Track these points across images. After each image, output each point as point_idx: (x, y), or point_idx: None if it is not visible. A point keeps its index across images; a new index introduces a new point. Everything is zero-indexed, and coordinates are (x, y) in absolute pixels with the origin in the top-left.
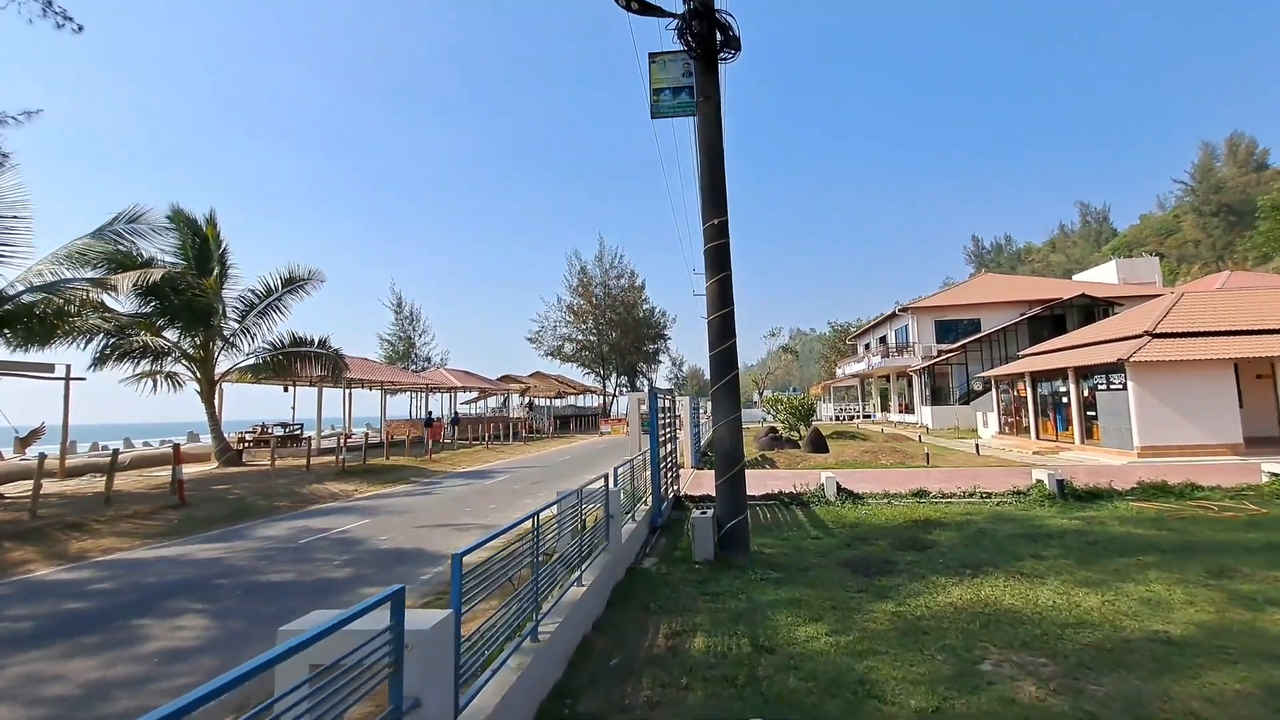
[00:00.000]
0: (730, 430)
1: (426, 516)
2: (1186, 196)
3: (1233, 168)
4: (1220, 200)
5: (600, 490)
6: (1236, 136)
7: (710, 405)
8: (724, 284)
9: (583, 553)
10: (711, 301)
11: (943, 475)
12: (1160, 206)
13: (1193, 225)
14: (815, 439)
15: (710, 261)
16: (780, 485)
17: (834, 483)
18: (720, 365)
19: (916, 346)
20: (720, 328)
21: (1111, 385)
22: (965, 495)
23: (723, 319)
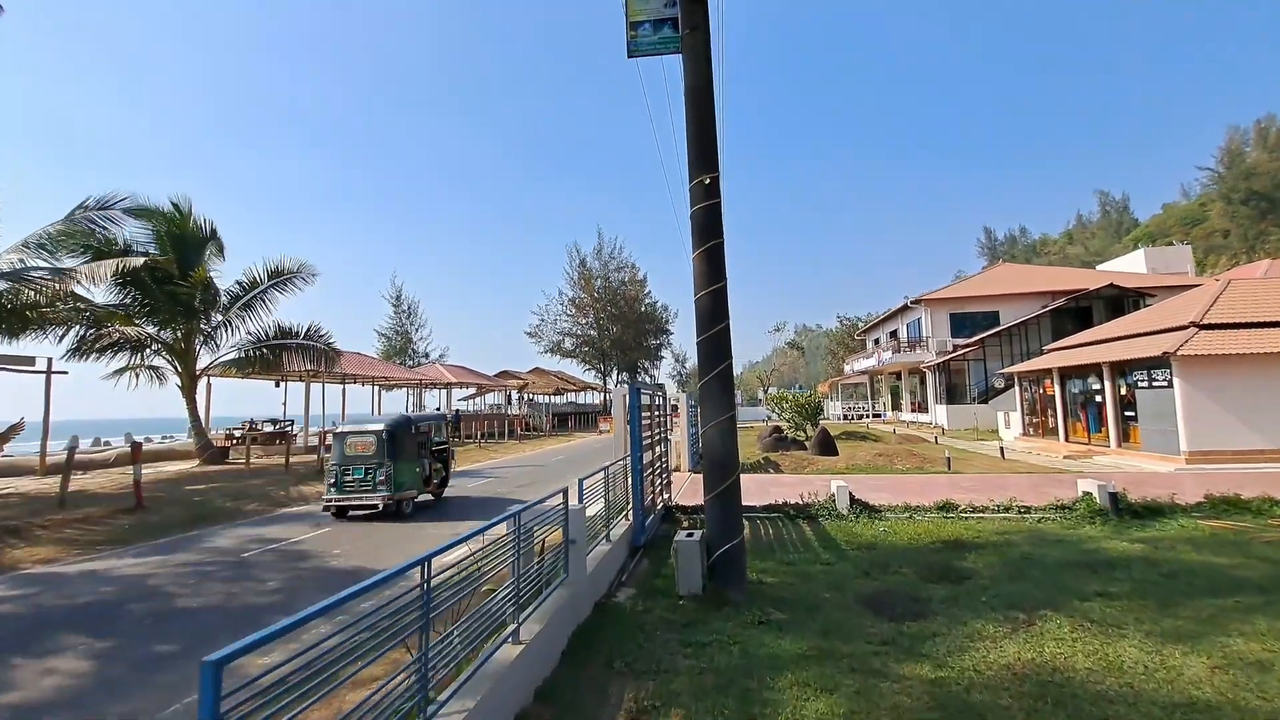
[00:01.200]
0: (722, 434)
1: (393, 526)
2: (1213, 184)
3: (1262, 152)
4: (1250, 187)
5: (554, 510)
6: (1266, 120)
7: (698, 402)
8: (714, 254)
9: (522, 596)
10: (700, 275)
11: (968, 483)
12: (1185, 195)
13: (1221, 214)
14: (823, 440)
15: (698, 226)
16: (785, 493)
17: (846, 492)
18: (710, 353)
19: (930, 341)
20: (710, 307)
21: (1154, 382)
22: (999, 509)
23: (713, 297)
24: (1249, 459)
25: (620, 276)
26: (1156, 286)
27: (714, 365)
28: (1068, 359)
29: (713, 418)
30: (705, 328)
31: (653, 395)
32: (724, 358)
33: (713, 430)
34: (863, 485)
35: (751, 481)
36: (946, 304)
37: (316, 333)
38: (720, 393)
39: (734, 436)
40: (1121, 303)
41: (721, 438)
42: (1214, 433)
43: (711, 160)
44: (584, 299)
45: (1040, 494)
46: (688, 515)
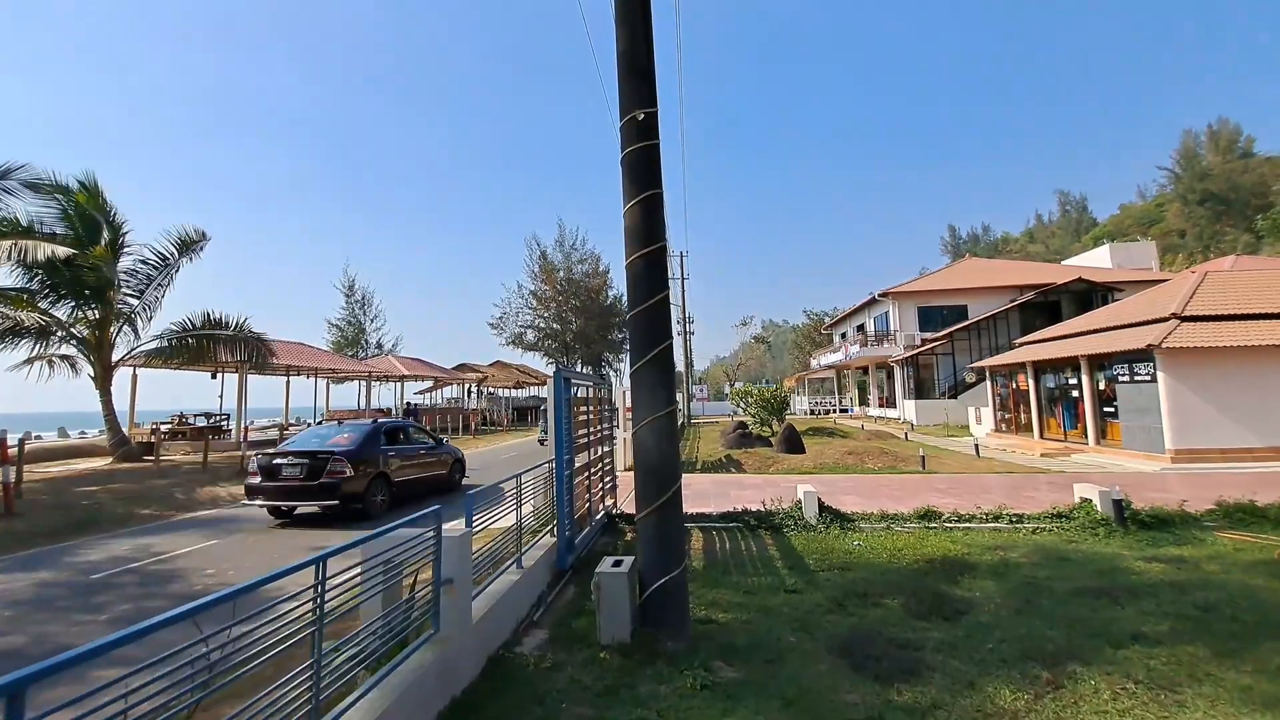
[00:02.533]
0: (659, 433)
1: (297, 535)
2: (1170, 185)
3: (1215, 155)
4: (1206, 188)
5: (417, 540)
6: (1219, 123)
7: (630, 393)
8: (651, 207)
9: (335, 678)
10: (633, 233)
11: (946, 485)
12: (1141, 196)
13: (1178, 214)
14: (789, 437)
15: (631, 173)
16: (747, 498)
17: (815, 499)
18: (645, 331)
19: (898, 335)
20: (645, 273)
21: (1137, 376)
22: (988, 518)
23: (649, 261)
24: (1236, 458)
25: (583, 268)
26: (1124, 281)
27: (649, 346)
28: (1043, 352)
29: (647, 413)
30: (639, 298)
31: (592, 386)
32: (662, 336)
33: (646, 430)
34: (833, 487)
35: (711, 483)
36: (914, 297)
37: (244, 325)
38: (657, 381)
39: (674, 437)
40: (1090, 297)
41: (658, 439)
42: (1200, 430)
43: (647, 92)
44: (545, 291)
45: (1026, 498)
46: (634, 525)
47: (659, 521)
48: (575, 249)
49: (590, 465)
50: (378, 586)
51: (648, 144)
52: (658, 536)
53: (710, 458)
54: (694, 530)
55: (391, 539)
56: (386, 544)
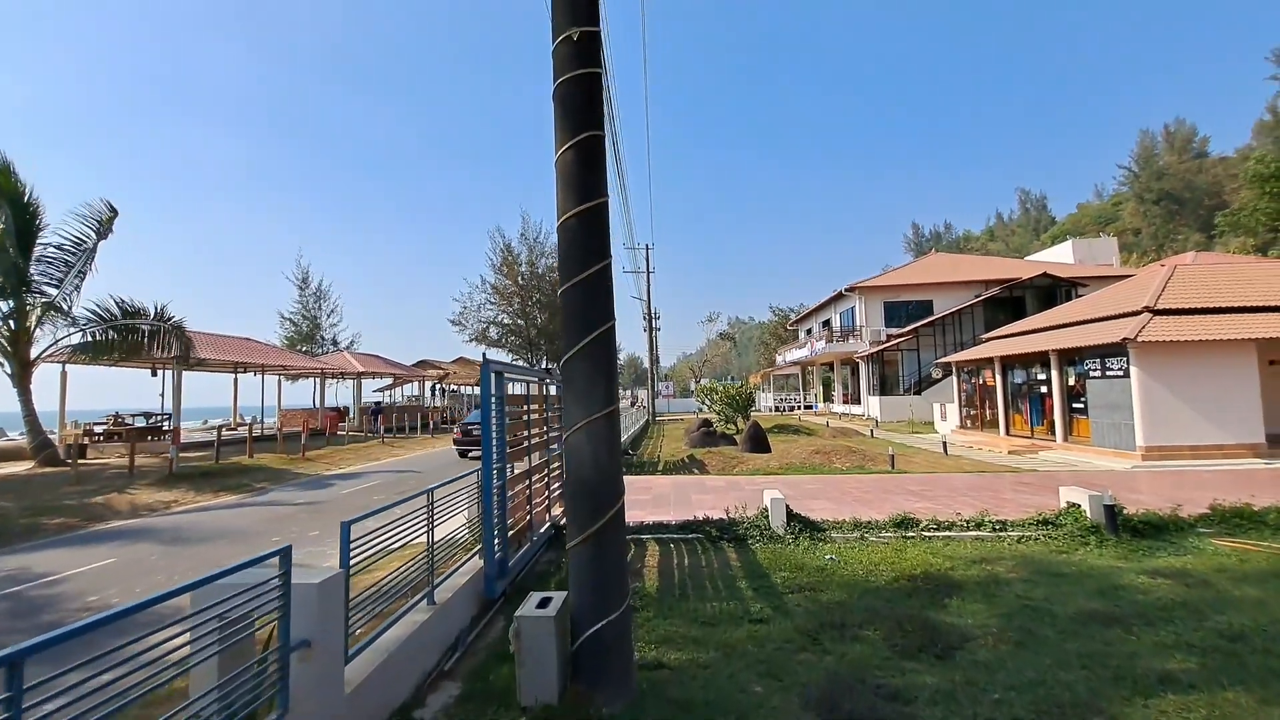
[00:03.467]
0: (595, 440)
1: (204, 551)
2: (1127, 185)
3: (1171, 155)
4: (1162, 188)
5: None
6: (1175, 124)
7: (562, 390)
8: (589, 154)
9: None
10: (567, 186)
11: (918, 486)
12: (1098, 195)
13: (1134, 213)
14: (755, 435)
15: (564, 108)
16: (710, 503)
17: (782, 506)
18: (579, 311)
19: (864, 331)
20: (580, 238)
21: (1108, 371)
22: (969, 525)
23: (585, 222)
24: (1207, 454)
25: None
26: (1088, 277)
27: (584, 330)
28: (1011, 347)
29: (581, 414)
30: (573, 269)
31: (536, 382)
32: (601, 317)
33: (580, 436)
34: (800, 490)
35: (672, 486)
36: (880, 292)
37: (163, 313)
38: (594, 374)
39: (615, 444)
40: (1054, 293)
41: (595, 446)
42: (1171, 426)
43: (585, 5)
44: (509, 285)
45: (1005, 501)
46: None
47: (596, 552)
48: (539, 242)
49: (534, 471)
50: (210, 648)
51: (586, 72)
52: (594, 571)
53: (673, 457)
54: (650, 543)
55: (226, 587)
56: (220, 593)
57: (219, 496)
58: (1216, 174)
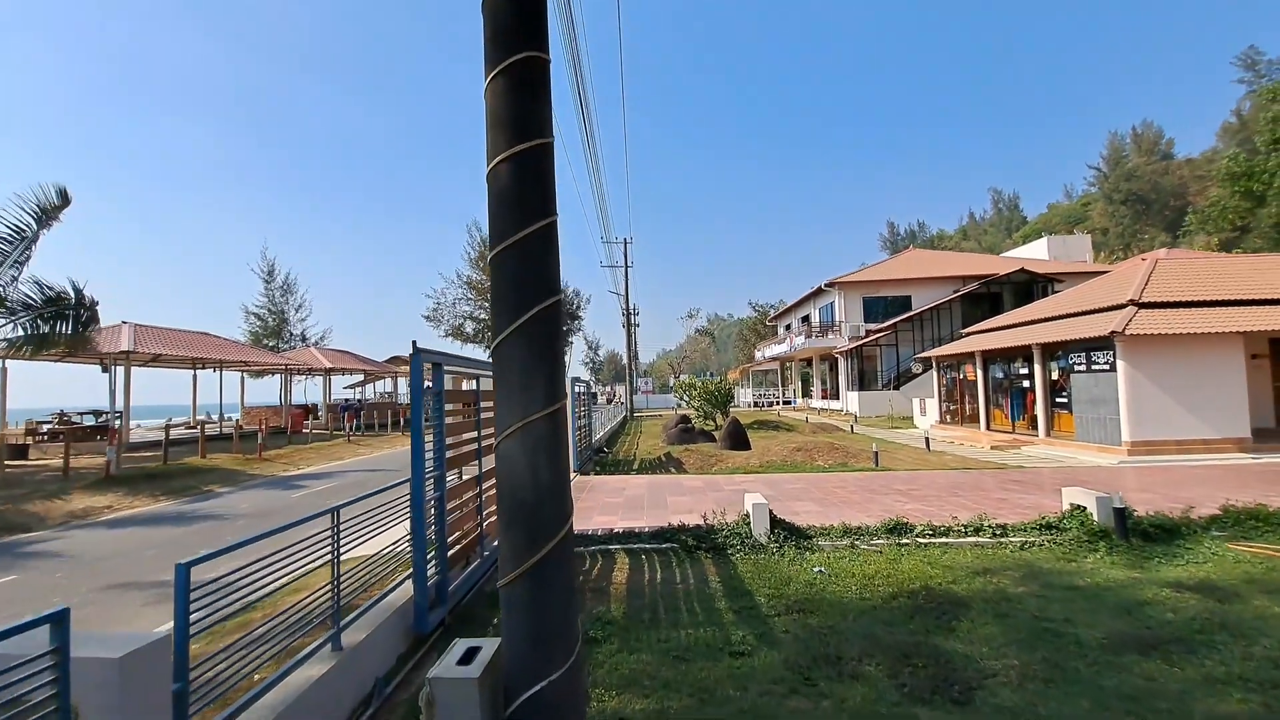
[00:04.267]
0: (534, 449)
1: (116, 567)
2: (1096, 185)
3: (1139, 157)
4: (1130, 189)
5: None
6: (1143, 126)
7: (494, 385)
8: (528, 81)
9: None
10: (497, 122)
11: (905, 485)
12: (1068, 196)
13: (1101, 213)
14: (734, 432)
15: (496, 22)
16: (686, 506)
17: (765, 512)
18: (513, 282)
19: (843, 326)
20: (515, 189)
21: (1094, 365)
22: (967, 530)
23: (522, 167)
24: (1193, 449)
25: None
26: (1064, 273)
27: (520, 306)
28: (992, 342)
29: (516, 415)
30: (506, 227)
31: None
32: (542, 290)
33: (514, 442)
34: (782, 490)
35: (647, 486)
36: (860, 288)
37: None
38: (533, 362)
39: (559, 452)
40: (1030, 288)
41: (533, 456)
42: (1157, 421)
43: None
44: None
45: (997, 501)
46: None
47: (536, 592)
48: None
49: (488, 477)
50: None
51: None
52: (534, 616)
53: (649, 455)
54: (619, 555)
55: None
56: None
57: (157, 502)
58: (1182, 175)
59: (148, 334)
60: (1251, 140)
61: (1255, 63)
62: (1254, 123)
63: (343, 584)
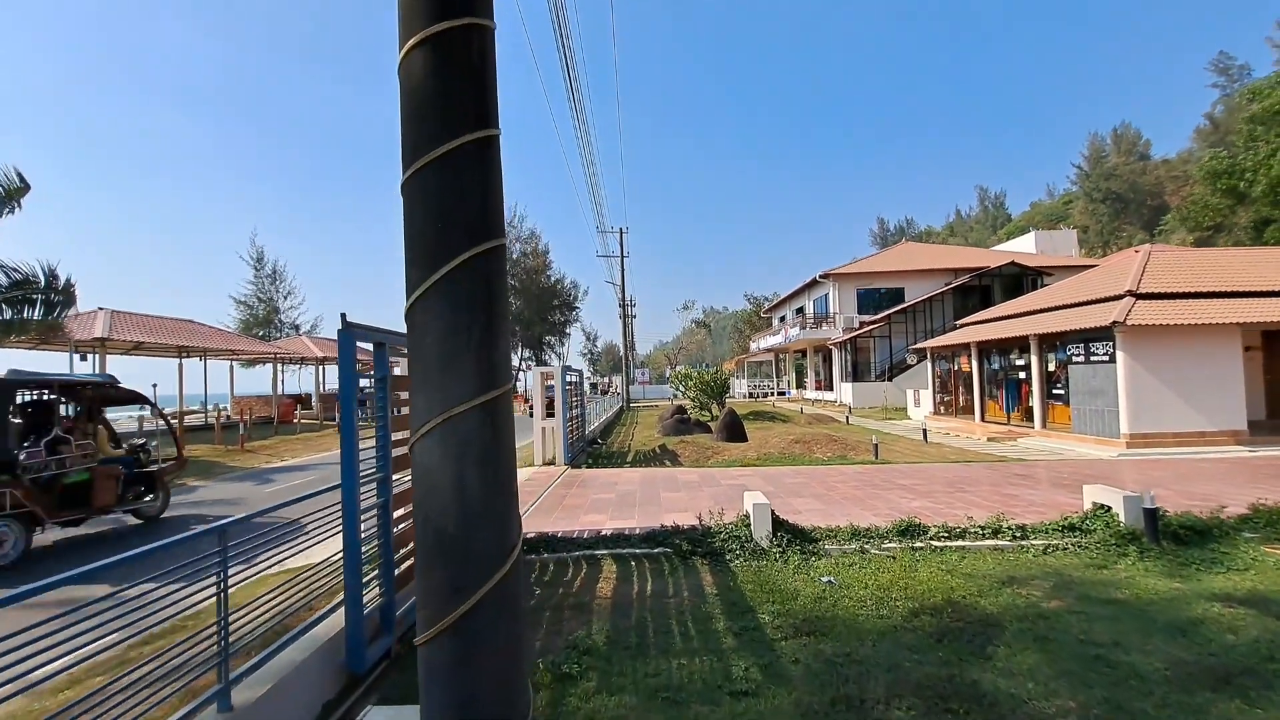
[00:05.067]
0: (461, 453)
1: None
2: (1077, 184)
3: (1118, 157)
4: (1109, 188)
5: None
6: (1121, 128)
7: (408, 364)
8: None
9: None
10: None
11: (909, 479)
12: (1050, 194)
13: (1082, 211)
14: (730, 423)
15: None
16: (681, 504)
17: (767, 512)
18: (438, 218)
19: (838, 317)
20: (436, 84)
21: (1093, 356)
22: (984, 531)
23: (442, 53)
24: (1190, 442)
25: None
26: (1053, 266)
27: (444, 253)
28: (988, 333)
29: (435, 404)
30: (422, 140)
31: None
32: (479, 231)
33: (431, 443)
34: (782, 485)
35: (640, 480)
36: (854, 279)
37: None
38: (459, 330)
39: (501, 458)
40: (1021, 281)
41: (459, 464)
42: (1156, 413)
43: None
44: None
45: (1008, 497)
46: (544, 550)
47: (464, 653)
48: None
49: None
50: None
51: None
52: (461, 685)
53: (645, 447)
54: (606, 562)
55: None
56: None
57: None
58: (1159, 175)
59: (126, 321)
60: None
61: (1228, 68)
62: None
63: (261, 611)
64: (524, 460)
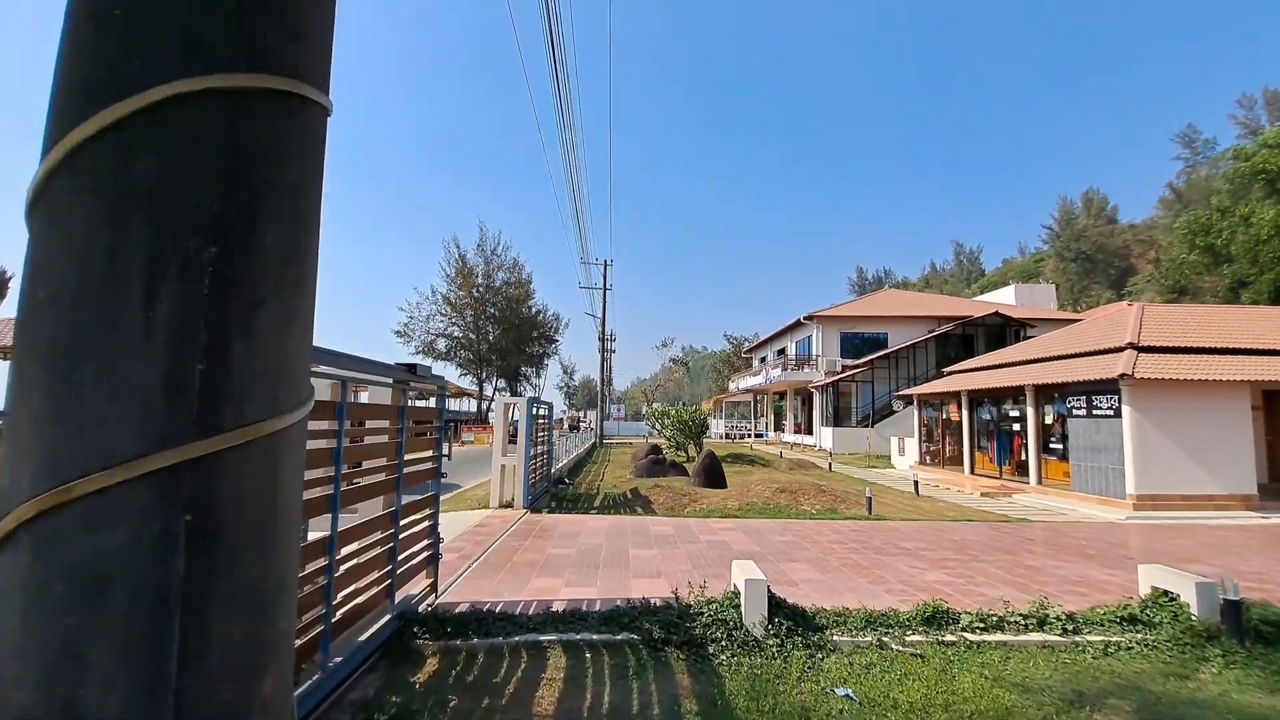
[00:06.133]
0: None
1: None
2: (1048, 243)
3: (1088, 219)
4: (1079, 248)
5: None
6: (1090, 192)
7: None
8: None
9: None
10: None
11: (913, 541)
12: (1021, 252)
13: (1053, 270)
14: (709, 467)
15: None
16: (653, 566)
17: (762, 591)
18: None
19: (820, 360)
20: None
21: (1095, 410)
22: (1028, 622)
23: None
24: (1199, 505)
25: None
26: (1035, 319)
27: (142, 76)
28: (980, 381)
29: (35, 459)
30: None
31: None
32: (239, 48)
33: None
34: (770, 544)
35: (607, 532)
36: (838, 322)
37: None
38: (109, 237)
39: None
40: (1004, 332)
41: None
42: (1164, 473)
43: None
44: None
45: (1032, 571)
46: (457, 638)
47: None
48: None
49: (359, 532)
50: None
51: None
52: None
53: (615, 489)
54: (553, 654)
55: None
56: None
57: None
58: (1126, 239)
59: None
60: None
61: (1193, 140)
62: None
63: None
64: (479, 501)
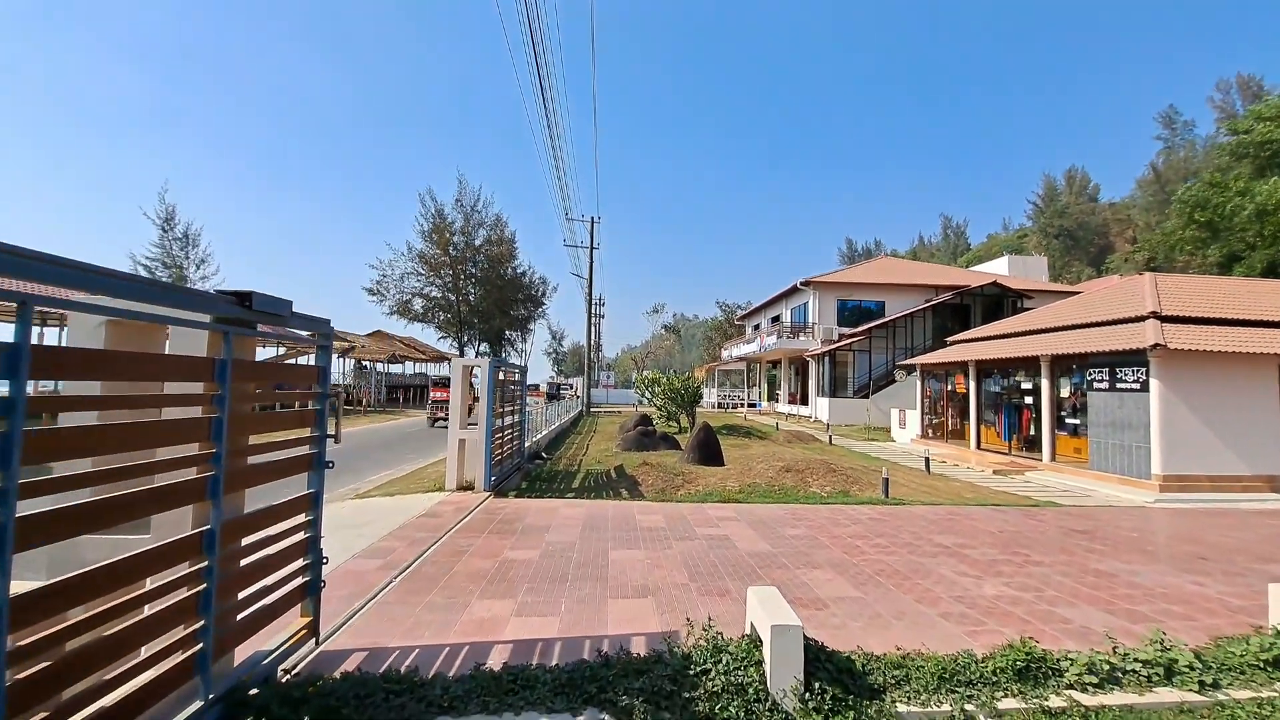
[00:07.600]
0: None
1: None
2: (1031, 219)
3: (1070, 197)
4: (1061, 225)
5: None
6: (1073, 170)
7: None
8: None
9: None
10: None
11: (949, 538)
12: (1005, 228)
13: (1036, 245)
14: (704, 441)
15: None
16: (637, 572)
17: (797, 646)
18: None
19: (816, 328)
20: None
21: (1119, 383)
22: (1144, 672)
23: None
24: (1226, 487)
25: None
26: (1032, 290)
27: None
28: (990, 351)
29: None
30: None
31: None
32: None
33: None
34: (781, 540)
35: (583, 525)
36: (835, 289)
37: None
38: None
39: None
40: (1001, 302)
41: None
42: (1192, 452)
43: None
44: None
45: (1100, 578)
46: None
47: None
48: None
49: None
50: None
51: None
52: None
53: (598, 466)
54: None
55: None
56: None
57: None
58: (1105, 217)
59: None
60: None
61: (1173, 121)
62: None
63: None
64: (434, 482)
